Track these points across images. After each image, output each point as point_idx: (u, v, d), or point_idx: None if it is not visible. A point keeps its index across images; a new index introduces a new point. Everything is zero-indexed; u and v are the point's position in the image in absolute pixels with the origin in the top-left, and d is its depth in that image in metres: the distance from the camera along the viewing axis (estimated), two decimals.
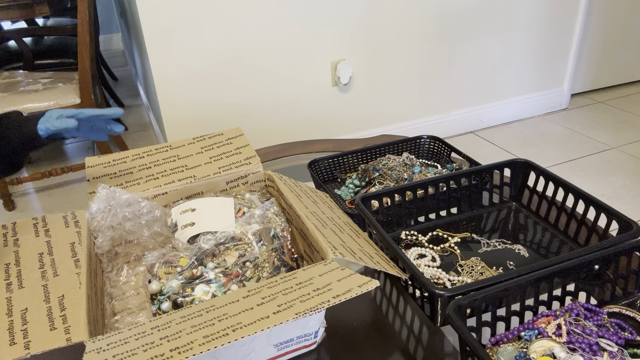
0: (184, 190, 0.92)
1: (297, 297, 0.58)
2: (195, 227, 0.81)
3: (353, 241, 0.76)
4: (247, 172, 0.94)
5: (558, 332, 0.66)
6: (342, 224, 0.82)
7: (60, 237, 0.77)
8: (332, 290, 0.59)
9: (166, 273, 0.73)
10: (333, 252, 0.65)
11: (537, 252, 0.93)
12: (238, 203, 0.87)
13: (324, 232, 0.74)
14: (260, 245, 0.76)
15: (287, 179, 0.94)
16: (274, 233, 0.78)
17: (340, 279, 0.61)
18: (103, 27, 4.35)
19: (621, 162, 2.30)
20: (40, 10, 2.12)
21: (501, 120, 2.73)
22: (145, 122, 3.00)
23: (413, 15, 2.28)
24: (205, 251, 0.75)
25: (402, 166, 1.16)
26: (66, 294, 0.66)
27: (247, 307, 0.58)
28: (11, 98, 1.94)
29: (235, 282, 0.71)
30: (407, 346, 0.78)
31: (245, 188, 0.95)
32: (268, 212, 0.83)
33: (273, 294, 0.60)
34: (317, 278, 0.62)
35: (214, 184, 0.93)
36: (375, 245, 0.80)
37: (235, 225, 0.79)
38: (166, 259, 0.75)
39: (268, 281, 0.64)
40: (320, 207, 0.86)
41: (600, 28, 2.81)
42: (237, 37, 2.01)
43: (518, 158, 1.04)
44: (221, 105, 2.10)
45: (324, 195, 0.96)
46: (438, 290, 0.71)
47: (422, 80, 2.45)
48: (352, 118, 2.38)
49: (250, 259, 0.74)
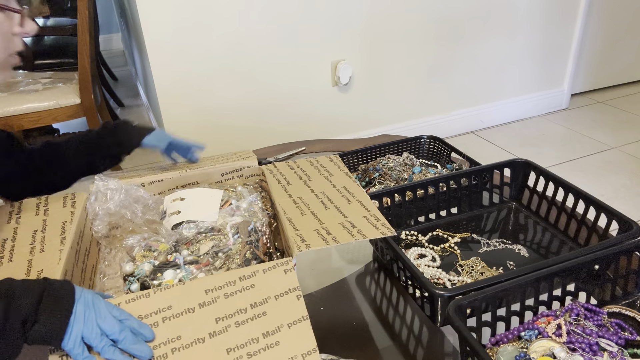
0: (179, 179, 0.94)
1: (246, 342, 0.61)
2: (180, 216, 0.83)
3: (339, 214, 0.77)
4: (242, 165, 0.96)
5: (558, 332, 0.66)
6: (334, 195, 0.83)
7: (55, 216, 0.80)
8: (279, 345, 0.61)
9: (143, 256, 0.76)
10: (298, 248, 0.67)
11: (537, 252, 0.93)
12: (228, 195, 0.89)
13: (301, 221, 0.75)
14: (236, 238, 0.78)
15: (284, 165, 0.95)
16: (253, 227, 0.80)
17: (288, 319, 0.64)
18: (103, 27, 4.34)
19: (621, 162, 2.30)
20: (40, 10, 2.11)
21: (501, 120, 2.73)
22: (145, 122, 3.00)
23: (413, 16, 2.28)
24: (183, 239, 0.78)
25: (402, 166, 1.16)
26: (45, 268, 0.69)
27: (199, 335, 0.61)
28: (11, 98, 1.94)
29: (203, 271, 0.73)
30: (407, 346, 0.78)
31: (239, 181, 0.97)
32: (255, 205, 0.85)
33: (228, 315, 0.62)
34: (272, 301, 0.64)
35: (208, 175, 0.95)
36: (371, 205, 0.79)
37: (218, 217, 0.82)
38: (146, 243, 0.78)
39: (230, 279, 0.66)
40: (313, 185, 0.87)
41: (600, 28, 2.81)
42: (238, 37, 2.01)
43: (518, 158, 1.04)
44: (221, 105, 2.10)
45: (328, 160, 0.96)
46: (438, 290, 0.71)
47: (422, 80, 2.45)
48: (352, 118, 2.38)
49: (223, 249, 0.76)
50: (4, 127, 1.94)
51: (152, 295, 0.63)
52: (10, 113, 1.92)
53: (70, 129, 2.77)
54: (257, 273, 0.66)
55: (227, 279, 0.65)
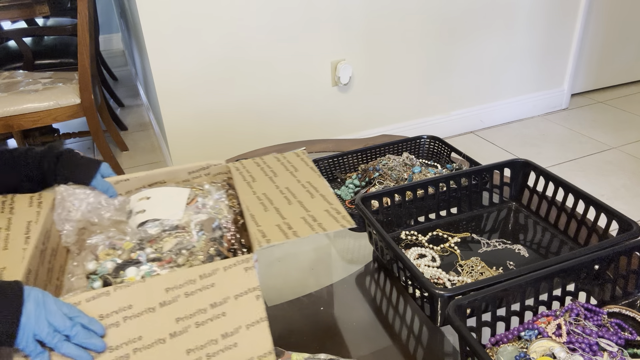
0: (145, 178, 0.94)
1: (206, 343, 0.64)
2: (145, 214, 0.84)
3: (301, 208, 0.78)
4: (209, 163, 0.97)
5: (558, 332, 0.66)
6: (298, 190, 0.84)
7: (20, 215, 0.80)
8: (237, 347, 0.65)
9: (106, 254, 0.77)
10: (259, 244, 0.69)
11: (537, 252, 0.93)
12: (195, 193, 0.90)
13: (264, 217, 0.77)
14: (200, 235, 0.79)
15: (250, 162, 0.96)
16: (218, 224, 0.81)
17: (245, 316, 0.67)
18: (103, 27, 4.34)
19: (621, 162, 2.30)
20: (40, 10, 2.12)
21: (501, 120, 2.73)
22: (145, 122, 3.00)
23: (413, 16, 2.28)
24: (148, 237, 0.79)
25: (402, 166, 1.16)
26: (8, 266, 0.69)
27: (160, 335, 0.63)
28: (11, 98, 1.94)
29: (166, 268, 0.74)
30: (407, 346, 0.78)
31: (207, 179, 0.97)
32: (221, 203, 0.86)
33: (188, 315, 0.65)
34: (232, 301, 0.67)
35: (175, 174, 0.96)
36: (334, 199, 0.80)
37: (183, 215, 0.83)
38: (110, 242, 0.79)
39: (190, 277, 0.67)
40: (278, 180, 0.88)
41: (600, 28, 2.81)
42: (237, 37, 2.01)
43: (518, 158, 1.04)
44: (221, 105, 2.10)
45: (295, 156, 0.97)
46: (438, 290, 0.71)
47: (422, 80, 2.45)
48: (352, 118, 2.38)
49: (187, 246, 0.77)
50: (4, 127, 1.94)
51: (113, 293, 0.64)
52: (10, 113, 1.92)
53: (70, 129, 2.77)
54: (218, 271, 0.67)
55: (188, 277, 0.67)
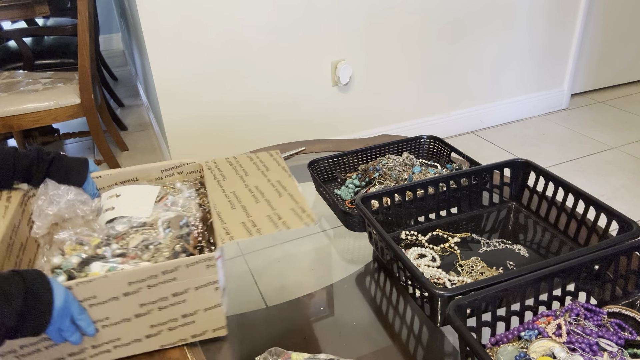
0: (117, 175, 0.96)
1: (167, 321, 0.74)
2: (114, 212, 0.86)
3: (268, 207, 0.80)
4: (181, 162, 0.99)
5: (558, 332, 0.66)
6: (267, 189, 0.86)
7: None
8: (194, 323, 0.75)
9: (72, 249, 0.79)
10: (222, 240, 0.72)
11: (537, 252, 0.93)
12: (166, 191, 0.91)
13: (230, 215, 0.79)
14: (167, 232, 0.81)
15: (223, 161, 0.98)
16: (186, 221, 0.82)
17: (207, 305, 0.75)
18: (103, 27, 4.35)
19: (621, 162, 2.30)
20: (40, 10, 2.12)
21: (501, 120, 2.73)
22: (145, 122, 3.00)
23: (413, 16, 2.28)
24: (115, 233, 0.81)
25: (402, 166, 1.16)
26: None
27: (125, 316, 0.71)
28: (11, 98, 1.94)
29: (131, 264, 0.75)
30: (407, 346, 0.78)
31: (179, 177, 0.99)
32: (191, 201, 0.88)
33: (151, 301, 0.71)
34: (192, 291, 0.73)
35: (148, 172, 0.98)
36: (300, 198, 0.82)
37: (151, 212, 0.85)
38: (78, 238, 0.81)
39: (153, 273, 0.70)
40: (249, 179, 0.90)
41: (600, 28, 2.81)
42: (237, 36, 2.01)
43: (518, 158, 1.04)
44: (221, 105, 2.10)
45: (268, 156, 0.99)
46: (438, 290, 0.71)
47: (422, 80, 2.45)
48: (352, 118, 2.38)
49: (153, 243, 0.79)
50: (4, 127, 1.94)
51: (75, 287, 0.68)
52: (10, 113, 1.92)
53: (70, 129, 2.77)
54: (180, 268, 0.71)
55: (151, 272, 0.70)
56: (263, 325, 0.84)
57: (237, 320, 0.84)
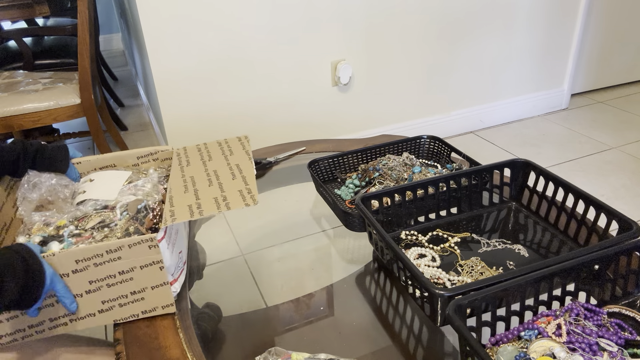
0: (96, 161, 1.02)
1: (117, 297, 0.78)
2: (85, 195, 0.91)
3: (218, 189, 0.85)
4: (156, 149, 1.03)
5: (558, 332, 0.66)
6: (224, 172, 0.91)
7: None
8: (144, 300, 0.79)
9: (38, 230, 0.84)
10: (164, 222, 0.77)
11: (537, 252, 0.93)
12: (138, 176, 0.96)
13: (180, 198, 0.84)
14: (124, 215, 0.85)
15: (193, 148, 1.03)
16: (145, 205, 0.86)
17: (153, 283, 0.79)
18: (103, 27, 4.34)
19: (621, 162, 2.30)
20: (40, 10, 2.12)
21: (501, 120, 2.73)
22: (145, 122, 3.00)
23: (413, 16, 2.28)
24: (81, 215, 0.86)
25: (402, 166, 1.16)
26: None
27: (76, 292, 0.76)
28: (11, 98, 1.94)
29: (85, 243, 0.80)
30: (407, 346, 0.78)
31: (155, 164, 1.04)
32: (159, 186, 0.92)
33: (100, 279, 0.76)
34: (138, 270, 0.77)
35: (124, 158, 1.03)
36: (252, 181, 0.86)
37: (116, 196, 0.89)
38: (46, 219, 0.86)
39: (97, 252, 0.75)
40: (210, 164, 0.95)
41: (600, 28, 2.81)
42: (237, 37, 2.01)
43: (518, 158, 1.04)
44: (221, 105, 2.10)
45: (237, 141, 1.05)
46: (438, 290, 0.71)
47: (422, 80, 2.45)
48: (352, 118, 2.38)
49: (109, 224, 0.84)
50: (4, 127, 1.94)
51: None
52: (11, 113, 1.92)
53: (70, 129, 2.77)
54: (123, 248, 0.75)
55: (95, 251, 0.74)
56: (263, 325, 0.84)
57: (237, 320, 0.84)
